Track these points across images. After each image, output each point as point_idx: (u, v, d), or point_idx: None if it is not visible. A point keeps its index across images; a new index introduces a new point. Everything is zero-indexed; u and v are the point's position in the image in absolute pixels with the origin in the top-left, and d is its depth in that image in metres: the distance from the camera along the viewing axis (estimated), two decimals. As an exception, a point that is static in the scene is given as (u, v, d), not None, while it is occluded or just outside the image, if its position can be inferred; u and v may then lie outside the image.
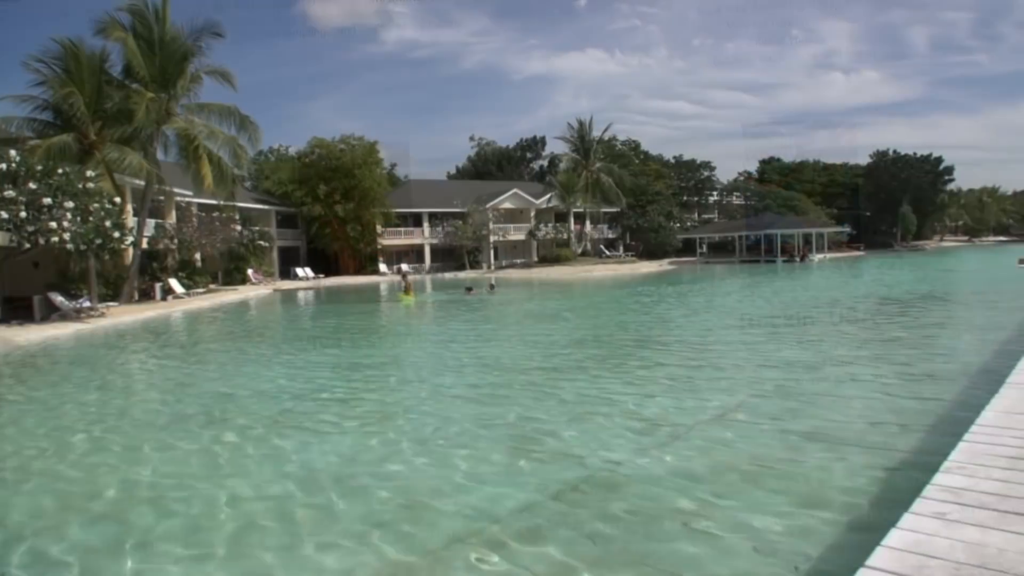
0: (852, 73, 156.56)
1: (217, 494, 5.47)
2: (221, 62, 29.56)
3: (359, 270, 51.12)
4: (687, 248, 64.98)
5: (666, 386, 9.38)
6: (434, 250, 56.67)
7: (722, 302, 23.71)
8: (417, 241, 56.78)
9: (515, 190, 59.73)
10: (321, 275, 48.47)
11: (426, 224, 56.87)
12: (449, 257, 56.16)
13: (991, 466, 4.28)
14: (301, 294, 35.40)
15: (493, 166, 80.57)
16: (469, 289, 30.33)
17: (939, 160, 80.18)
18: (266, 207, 48.88)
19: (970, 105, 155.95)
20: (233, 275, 39.94)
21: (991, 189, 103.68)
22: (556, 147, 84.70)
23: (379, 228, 51.98)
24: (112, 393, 10.50)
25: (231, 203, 35.03)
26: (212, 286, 35.39)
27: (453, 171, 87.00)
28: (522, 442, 6.72)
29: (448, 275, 50.36)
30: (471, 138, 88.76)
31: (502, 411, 8.10)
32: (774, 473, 5.61)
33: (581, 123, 58.27)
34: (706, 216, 76.63)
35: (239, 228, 39.50)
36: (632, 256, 60.65)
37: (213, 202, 35.34)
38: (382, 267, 51.96)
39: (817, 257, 57.95)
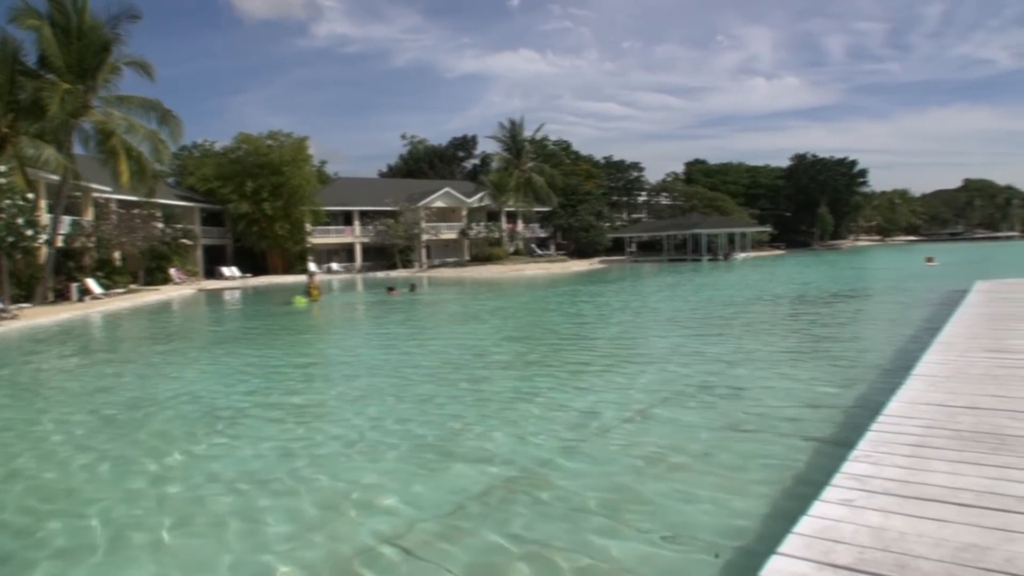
0: (774, 79, 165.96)
1: (115, 504, 5.34)
2: (143, 54, 29.49)
3: (288, 269, 51.19)
4: (617, 247, 67.57)
5: (593, 383, 9.62)
6: (365, 249, 57.21)
7: (649, 300, 24.32)
8: (348, 240, 57.18)
9: (447, 189, 60.83)
10: (248, 274, 48.36)
11: (357, 223, 57.36)
12: (381, 256, 56.71)
13: (895, 454, 4.54)
14: (227, 294, 34.74)
15: (425, 164, 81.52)
16: (391, 289, 30.10)
17: (854, 163, 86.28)
18: (190, 204, 48.40)
19: (883, 111, 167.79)
20: (155, 275, 39.58)
21: (902, 191, 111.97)
22: (488, 146, 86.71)
23: (308, 226, 52.15)
24: (23, 399, 10.15)
25: (152, 200, 34.72)
26: (133, 286, 35.10)
27: (385, 169, 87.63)
28: (447, 441, 6.78)
29: (380, 274, 51.03)
30: (403, 136, 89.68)
31: (425, 411, 8.10)
32: (696, 464, 5.83)
33: (513, 123, 60.02)
34: (635, 216, 79.91)
35: (161, 226, 39.18)
36: (563, 255, 62.80)
37: (134, 198, 35.00)
38: (311, 266, 52.18)
39: (741, 256, 61.30)
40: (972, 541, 3.23)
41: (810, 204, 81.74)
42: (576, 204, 64.69)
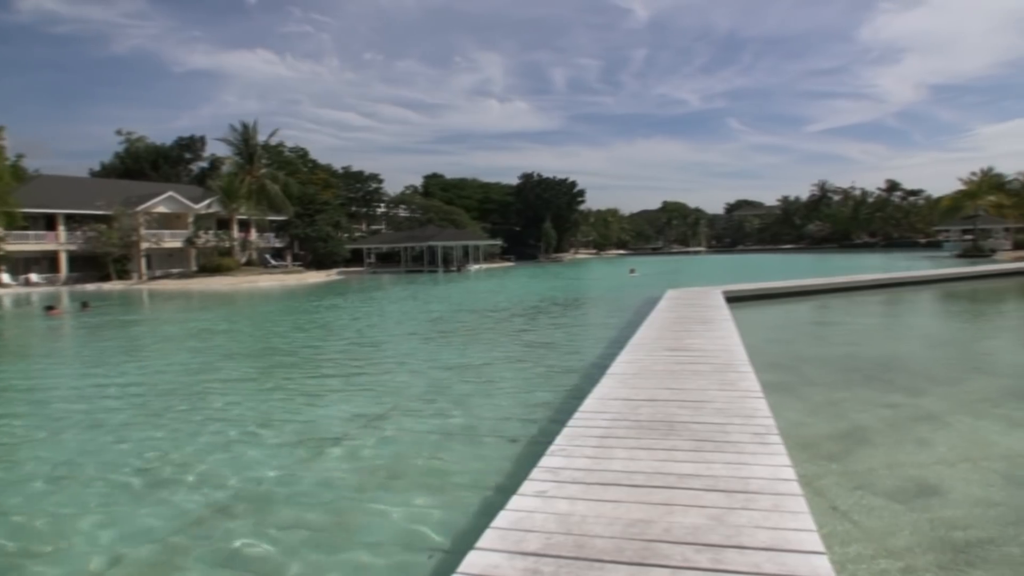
0: (506, 102, 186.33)
1: None
2: None
3: (-25, 280, 48.17)
4: (356, 258, 72.16)
5: (321, 397, 10.15)
6: (73, 258, 54.60)
7: (385, 311, 25.98)
8: (50, 247, 54.17)
9: (171, 193, 60.31)
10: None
11: (62, 227, 54.69)
12: (93, 266, 54.42)
13: (585, 446, 5.23)
14: None
15: (147, 165, 78.69)
16: (50, 308, 27.35)
17: (574, 184, 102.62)
18: None
19: (599, 139, 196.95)
20: None
21: (613, 210, 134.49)
22: (218, 149, 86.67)
23: (0, 230, 49.56)
24: None
25: None
26: None
27: (98, 168, 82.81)
28: (161, 468, 6.82)
29: (91, 287, 49.76)
30: (119, 132, 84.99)
31: (135, 438, 8.05)
32: (416, 470, 6.41)
33: (246, 126, 61.29)
34: (374, 227, 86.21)
35: None
36: (300, 266, 65.95)
37: None
38: (4, 277, 49.84)
39: (474, 267, 69.92)
40: (639, 517, 3.85)
41: (537, 220, 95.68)
42: (313, 214, 67.89)
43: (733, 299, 21.07)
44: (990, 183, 72.89)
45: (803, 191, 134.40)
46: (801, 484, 4.52)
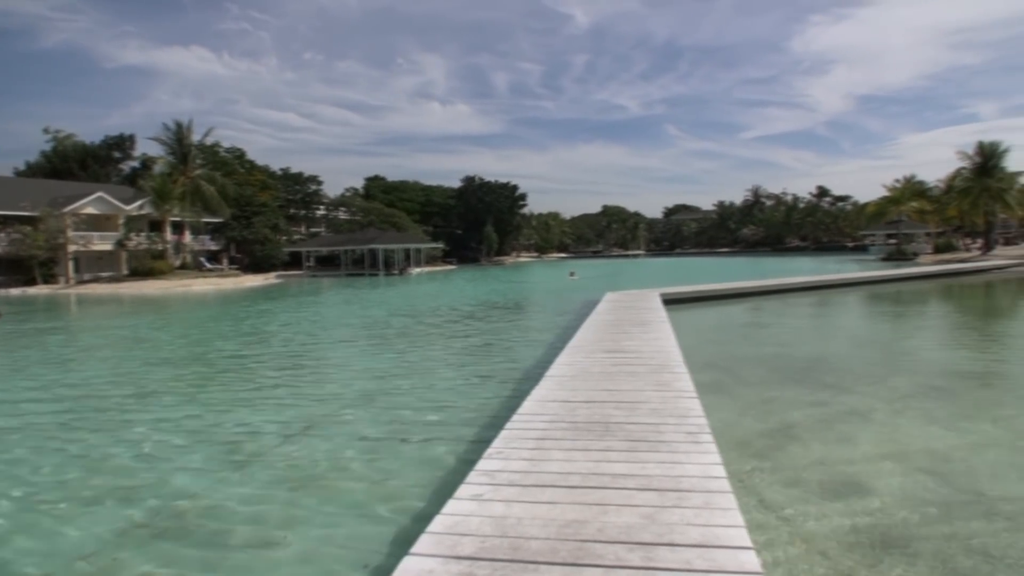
0: (448, 104, 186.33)
1: None
2: None
3: None
4: (295, 261, 71.27)
5: (252, 405, 9.79)
6: None
7: (323, 315, 25.59)
8: None
9: (101, 193, 58.18)
10: None
11: (-19, 229, 52.56)
12: (16, 269, 51.84)
13: (522, 448, 5.24)
14: None
15: (75, 164, 75.44)
16: None
17: (516, 187, 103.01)
18: None
19: (540, 143, 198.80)
20: None
21: (555, 214, 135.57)
22: (150, 148, 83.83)
23: (-87, 233, 46.95)
24: None
25: None
26: None
27: (23, 167, 79.21)
28: (89, 479, 6.65)
29: (15, 291, 47.82)
30: (46, 130, 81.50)
31: (60, 448, 7.80)
32: (350, 479, 6.27)
33: (180, 124, 59.43)
34: (314, 230, 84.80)
35: None
36: (237, 269, 64.28)
37: None
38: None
39: (416, 271, 69.39)
40: (574, 517, 3.86)
41: (479, 223, 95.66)
42: (251, 216, 66.44)
43: (670, 301, 21.55)
44: (912, 190, 76.56)
45: (738, 196, 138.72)
46: (732, 481, 4.61)
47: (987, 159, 66.36)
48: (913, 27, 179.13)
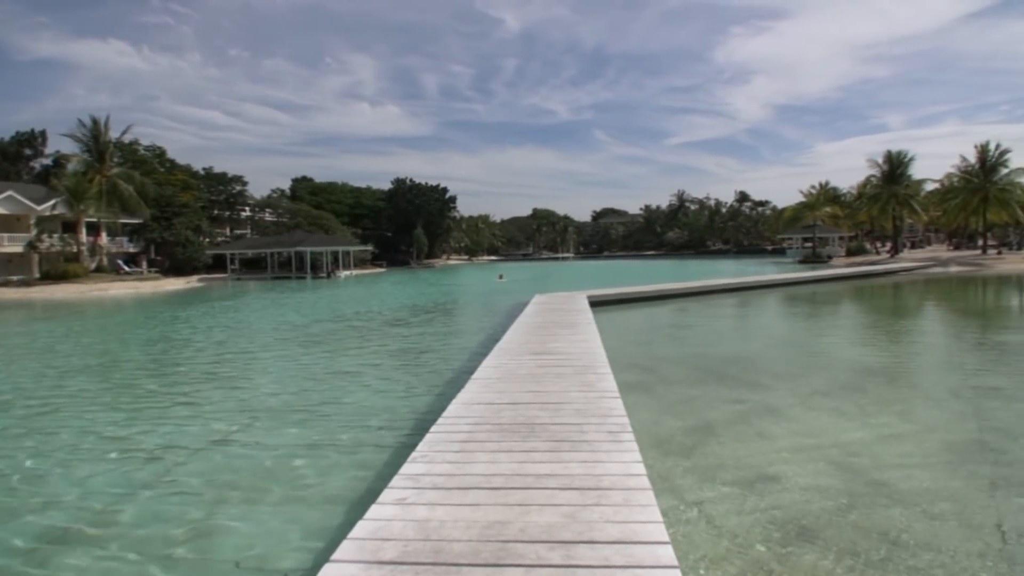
0: (377, 105, 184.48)
1: None
2: None
3: None
4: (218, 264, 68.91)
5: (173, 414, 9.52)
6: None
7: (246, 320, 24.78)
8: None
9: (10, 192, 54.90)
10: None
11: None
12: None
13: (447, 451, 5.21)
14: None
15: (-19, 161, 71.62)
16: None
17: (446, 190, 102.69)
18: None
19: (470, 146, 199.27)
20: None
21: (485, 217, 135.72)
22: (63, 145, 79.76)
23: None
24: None
25: None
26: None
27: (-77, 163, 74.08)
28: None
29: (-90, 294, 45.26)
30: (-50, 126, 76.73)
31: None
32: (270, 486, 6.19)
33: (96, 121, 56.97)
34: (239, 232, 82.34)
35: None
36: (157, 272, 62.00)
37: None
38: None
39: (344, 274, 68.35)
40: (497, 519, 3.86)
41: (408, 225, 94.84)
42: (172, 217, 64.03)
43: (597, 303, 21.98)
44: (827, 196, 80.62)
45: (664, 200, 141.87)
46: (651, 479, 4.71)
47: (895, 167, 70.27)
48: (827, 41, 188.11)
